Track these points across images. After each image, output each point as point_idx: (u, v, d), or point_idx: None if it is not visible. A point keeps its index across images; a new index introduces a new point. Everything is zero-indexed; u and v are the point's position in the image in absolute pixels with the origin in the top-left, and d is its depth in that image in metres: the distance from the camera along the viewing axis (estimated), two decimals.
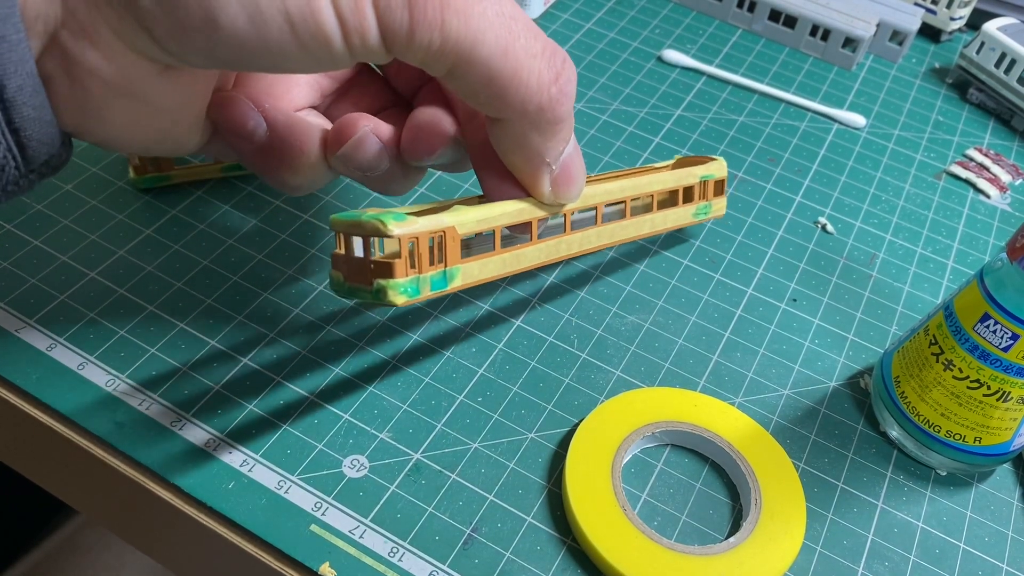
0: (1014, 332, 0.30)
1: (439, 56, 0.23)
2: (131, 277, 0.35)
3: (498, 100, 0.24)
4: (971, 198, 0.47)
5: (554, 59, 0.24)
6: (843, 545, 0.31)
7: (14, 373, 0.31)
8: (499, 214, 0.27)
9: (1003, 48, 0.51)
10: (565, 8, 0.55)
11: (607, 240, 0.33)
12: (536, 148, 0.26)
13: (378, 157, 0.28)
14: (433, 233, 0.25)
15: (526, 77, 0.24)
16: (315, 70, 0.24)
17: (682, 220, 0.37)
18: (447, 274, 0.26)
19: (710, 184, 0.37)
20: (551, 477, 0.31)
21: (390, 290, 0.24)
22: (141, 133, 0.25)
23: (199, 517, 0.29)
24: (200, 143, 0.28)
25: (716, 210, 0.38)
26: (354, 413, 0.32)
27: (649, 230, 0.35)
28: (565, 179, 0.28)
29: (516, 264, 0.29)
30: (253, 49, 0.22)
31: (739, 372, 0.36)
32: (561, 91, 0.25)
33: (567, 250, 0.31)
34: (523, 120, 0.25)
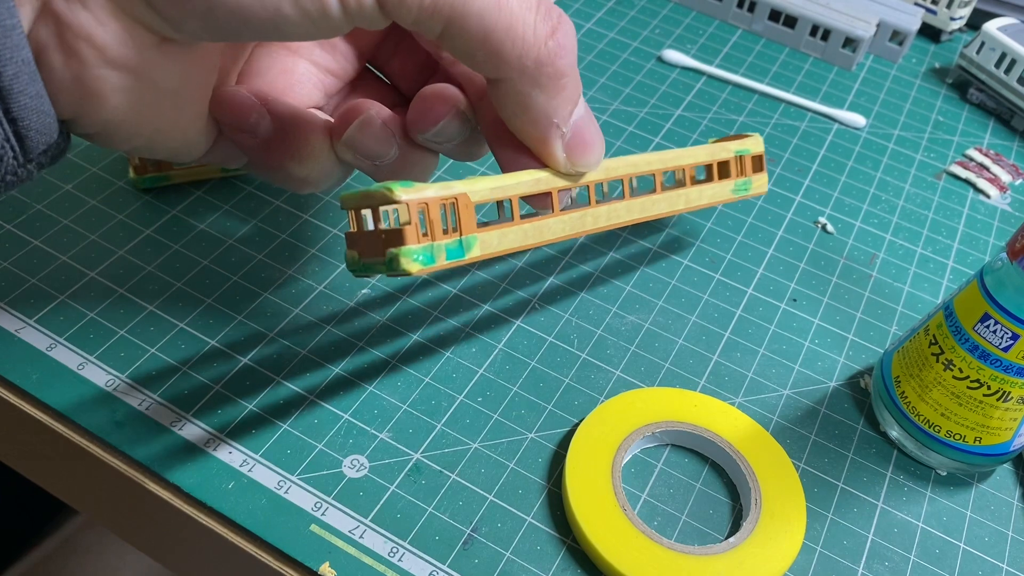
0: (1014, 332, 0.30)
1: (432, 12, 0.23)
2: (131, 277, 0.35)
3: (495, 57, 0.24)
4: (971, 198, 0.47)
5: (550, 13, 0.24)
6: (843, 545, 0.31)
7: (14, 373, 0.31)
8: (515, 183, 0.26)
9: (1003, 48, 0.51)
10: (565, 8, 0.55)
11: (637, 215, 0.31)
12: (542, 108, 0.25)
13: (385, 141, 0.28)
14: (444, 200, 0.24)
15: (522, 30, 0.23)
16: (315, 35, 0.23)
17: (720, 196, 0.35)
18: (463, 243, 0.25)
19: (747, 159, 0.36)
20: (551, 477, 0.31)
21: (403, 257, 0.23)
22: (143, 122, 0.24)
23: (199, 517, 0.29)
24: (204, 146, 0.28)
25: (757, 187, 0.37)
26: (354, 413, 0.32)
27: (684, 206, 0.34)
28: (579, 144, 0.27)
29: (539, 236, 0.27)
30: (249, 8, 0.21)
31: (739, 372, 0.36)
32: (559, 44, 0.24)
33: (593, 223, 0.30)
34: (523, 77, 0.24)
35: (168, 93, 0.25)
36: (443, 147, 0.29)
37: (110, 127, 0.24)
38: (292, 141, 0.28)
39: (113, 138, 0.25)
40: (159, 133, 0.25)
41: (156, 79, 0.24)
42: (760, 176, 0.37)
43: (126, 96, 0.23)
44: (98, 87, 0.23)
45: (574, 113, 0.26)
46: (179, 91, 0.25)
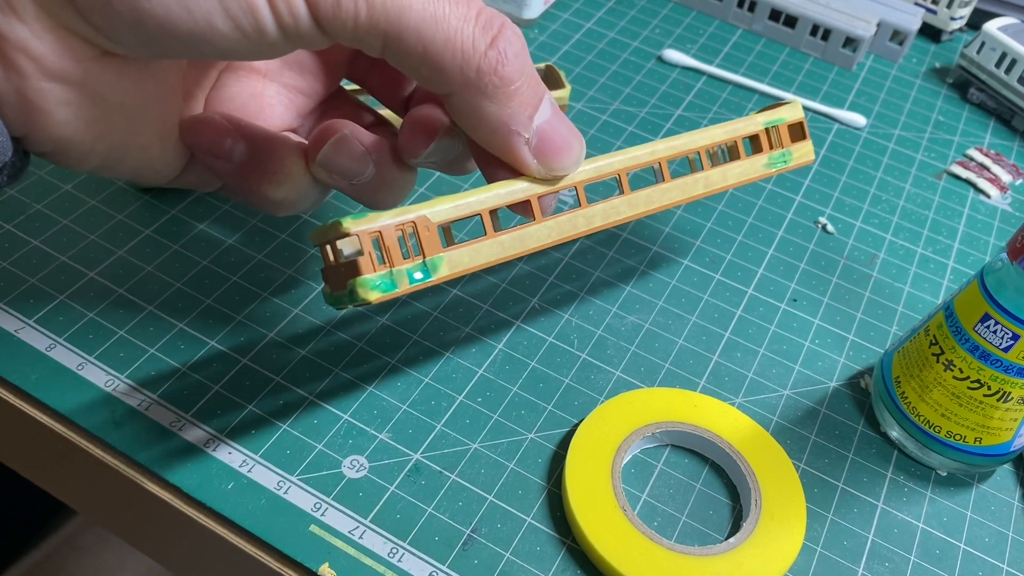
0: (1014, 332, 0.30)
1: (369, 29, 0.22)
2: (130, 277, 0.35)
3: (438, 71, 0.24)
4: (971, 198, 0.47)
5: (490, 23, 0.24)
6: (843, 546, 0.31)
7: (13, 373, 0.31)
8: (484, 197, 0.26)
9: (1003, 48, 0.51)
10: (565, 8, 0.55)
11: (643, 208, 0.30)
12: (496, 117, 0.25)
13: (360, 160, 0.27)
14: (400, 226, 0.24)
15: (460, 42, 0.23)
16: (254, 53, 0.23)
17: (751, 174, 0.32)
18: (427, 265, 0.25)
19: (782, 129, 0.33)
20: (551, 478, 0.31)
21: (359, 288, 0.23)
22: (95, 139, 0.24)
23: (198, 517, 0.29)
24: (173, 169, 0.28)
25: (799, 156, 0.34)
26: (354, 413, 0.32)
27: (704, 190, 0.31)
28: (548, 148, 0.26)
29: (520, 246, 0.27)
30: (180, 20, 0.21)
31: (739, 372, 0.36)
32: (500, 52, 0.24)
33: (587, 224, 0.28)
34: (468, 89, 0.24)
35: (118, 109, 0.24)
36: (435, 166, 0.29)
37: (62, 144, 0.24)
38: (267, 164, 0.27)
39: (68, 157, 0.25)
40: (116, 152, 0.25)
41: (102, 93, 0.24)
42: (802, 145, 0.34)
43: (72, 111, 0.23)
44: (40, 101, 0.23)
45: (536, 117, 0.25)
46: (130, 108, 0.25)
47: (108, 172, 0.26)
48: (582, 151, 0.27)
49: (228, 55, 0.23)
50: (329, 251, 0.25)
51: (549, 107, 0.26)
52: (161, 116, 0.26)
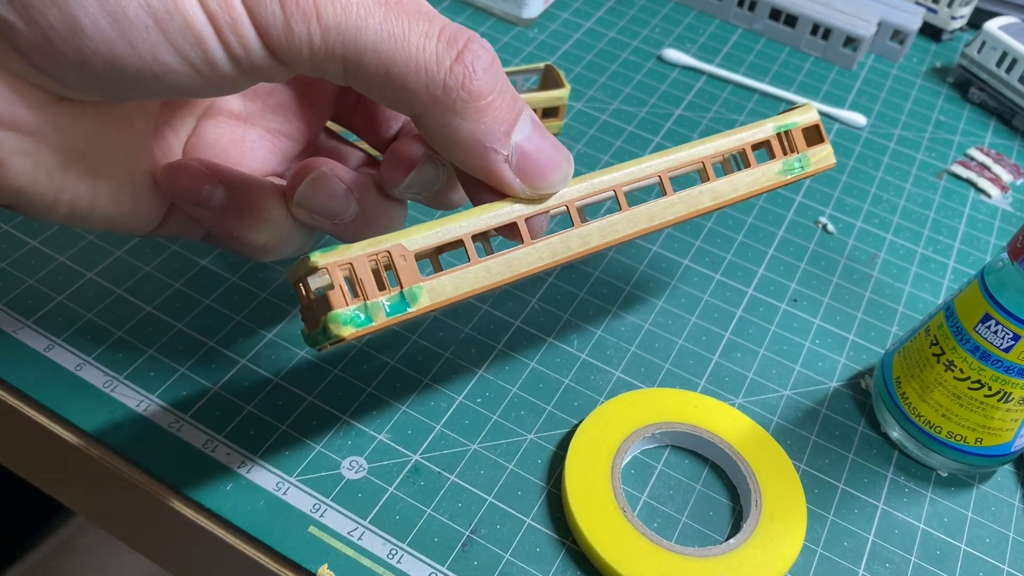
0: (1015, 332, 0.29)
1: (326, 55, 0.22)
2: (129, 278, 0.35)
3: (403, 92, 0.23)
4: (972, 198, 0.47)
5: (455, 38, 0.23)
6: (844, 546, 0.31)
7: (11, 374, 0.31)
8: (466, 223, 0.25)
9: (1004, 47, 0.50)
10: (565, 7, 0.55)
11: (645, 225, 0.28)
12: (469, 135, 0.24)
13: (340, 199, 0.27)
14: (372, 256, 0.23)
15: (423, 60, 0.22)
16: (210, 89, 0.22)
17: (765, 182, 0.30)
18: (405, 295, 0.23)
19: (797, 134, 0.31)
20: (550, 478, 0.31)
21: (331, 324, 0.22)
22: (58, 189, 0.23)
23: (197, 519, 0.29)
24: (151, 218, 0.27)
25: (818, 161, 0.31)
26: (352, 414, 0.32)
27: (712, 202, 0.29)
28: (530, 166, 0.25)
29: (508, 271, 0.25)
30: (125, 57, 0.21)
31: (739, 373, 0.36)
32: (467, 67, 0.23)
33: (582, 245, 0.26)
34: (437, 107, 0.23)
35: (80, 157, 0.24)
36: (420, 197, 0.28)
37: (24, 196, 0.23)
38: (247, 209, 0.27)
39: (33, 208, 0.24)
40: (83, 202, 0.24)
41: (60, 141, 0.23)
42: (820, 148, 0.31)
43: (29, 160, 0.22)
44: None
45: (515, 134, 0.24)
46: (94, 156, 0.24)
47: (80, 223, 0.25)
48: (569, 168, 0.26)
49: (183, 91, 0.22)
50: (302, 288, 0.24)
51: (529, 123, 0.25)
52: (130, 164, 0.25)
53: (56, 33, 0.20)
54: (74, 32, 0.20)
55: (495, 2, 0.52)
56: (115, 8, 0.20)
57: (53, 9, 0.20)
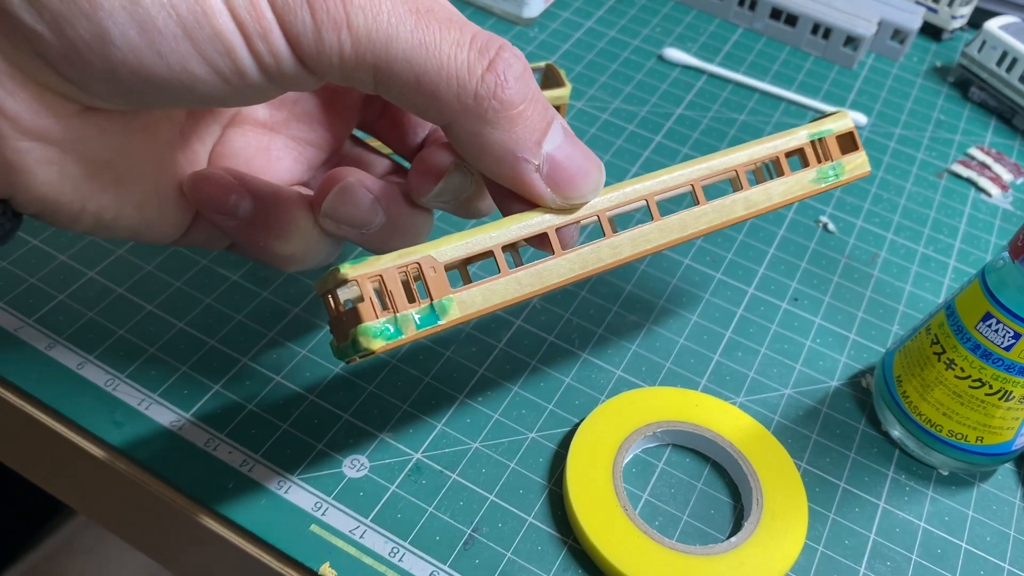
0: (1016, 331, 0.29)
1: (357, 64, 0.22)
2: (130, 276, 0.35)
3: (434, 100, 0.22)
4: (973, 197, 0.47)
5: (487, 46, 0.23)
6: (845, 545, 0.31)
7: (13, 372, 0.31)
8: (496, 234, 0.24)
9: (1004, 47, 0.51)
10: (566, 7, 0.55)
11: (677, 235, 0.27)
12: (501, 145, 0.23)
13: (368, 209, 0.26)
14: (401, 268, 0.23)
15: (454, 69, 0.22)
16: (239, 98, 0.22)
17: (798, 191, 0.29)
18: (435, 308, 0.23)
19: (830, 141, 0.30)
20: (552, 477, 0.31)
21: (361, 336, 0.22)
22: (84, 199, 0.23)
23: (199, 517, 0.29)
24: (178, 229, 0.27)
25: (852, 169, 0.31)
26: (354, 413, 0.32)
27: (745, 211, 0.28)
28: (561, 175, 0.24)
29: (539, 282, 0.25)
30: (154, 67, 0.20)
31: (740, 372, 0.36)
32: (499, 76, 0.22)
33: (613, 256, 0.26)
34: (468, 117, 0.23)
35: (106, 167, 0.24)
36: (448, 206, 0.28)
37: (50, 205, 0.23)
38: (274, 219, 0.26)
39: (59, 217, 0.24)
40: (109, 211, 0.24)
41: (86, 151, 0.23)
42: (855, 156, 0.31)
43: (56, 170, 0.22)
44: (21, 161, 0.22)
45: (546, 143, 0.24)
46: (120, 165, 0.24)
47: (105, 232, 0.25)
48: (601, 177, 0.25)
49: (212, 101, 0.22)
50: (331, 300, 0.23)
51: (560, 132, 0.24)
52: (155, 174, 0.25)
53: (84, 44, 0.20)
54: (102, 42, 0.20)
55: (496, 1, 0.52)
56: (144, 18, 0.20)
57: (82, 19, 0.20)
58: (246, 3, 0.20)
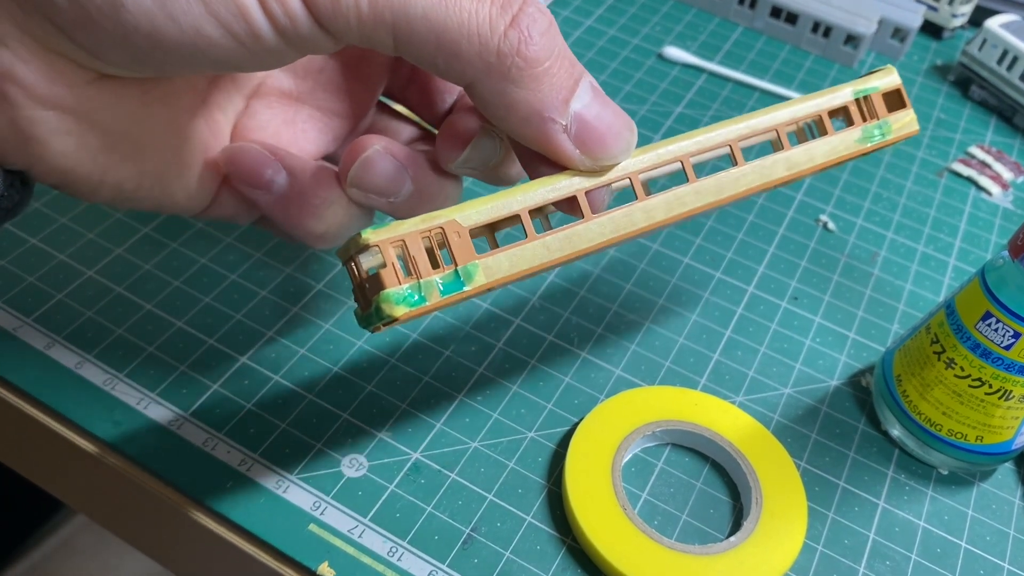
0: (1016, 330, 0.29)
1: (375, 23, 0.21)
2: (129, 275, 0.35)
3: (455, 59, 0.22)
4: (973, 195, 0.46)
5: (509, 2, 0.22)
6: (844, 544, 0.31)
7: (12, 372, 0.31)
8: (523, 197, 0.23)
9: (1005, 45, 0.50)
10: (566, 5, 0.54)
11: (714, 197, 0.25)
12: (525, 104, 0.22)
13: (394, 177, 0.26)
14: (425, 233, 0.22)
15: (475, 25, 0.21)
16: (255, 62, 0.22)
17: (843, 151, 0.28)
18: (460, 273, 0.22)
19: (877, 99, 0.28)
20: (551, 476, 0.31)
21: (383, 303, 0.21)
22: (103, 169, 0.23)
23: (197, 516, 0.29)
24: (202, 201, 0.26)
25: (900, 128, 0.29)
26: (353, 412, 0.32)
27: (786, 172, 0.27)
28: (590, 135, 0.23)
29: (568, 247, 0.24)
30: (166, 30, 0.20)
31: (740, 371, 0.36)
32: (523, 32, 0.22)
33: (647, 220, 0.24)
34: (492, 75, 0.22)
35: (124, 137, 0.23)
36: (477, 172, 0.27)
37: (69, 176, 0.23)
38: (308, 196, 0.26)
39: (78, 188, 0.24)
40: (129, 182, 0.24)
41: (103, 120, 0.23)
42: (903, 114, 0.29)
43: (72, 140, 0.22)
44: (35, 130, 0.22)
45: (574, 102, 0.23)
46: (138, 135, 0.24)
47: (126, 204, 0.25)
48: (632, 137, 0.24)
49: (228, 66, 0.22)
50: (354, 268, 0.23)
51: (589, 90, 0.23)
52: (176, 144, 0.25)
53: (96, 8, 0.20)
54: (114, 7, 0.20)
55: None
56: None
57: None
58: None
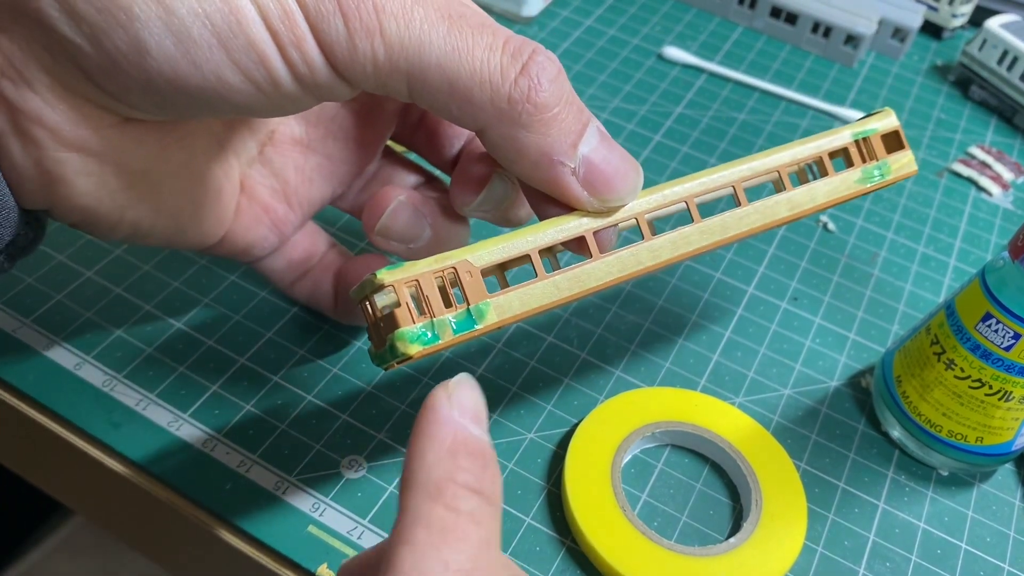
0: (1016, 331, 0.29)
1: (391, 71, 0.22)
2: (128, 276, 0.35)
3: (468, 105, 0.23)
4: (973, 196, 0.46)
5: (520, 50, 0.23)
6: (844, 546, 0.31)
7: (11, 373, 0.31)
8: (533, 237, 0.24)
9: (1005, 45, 0.50)
10: (565, 5, 0.54)
11: (719, 236, 0.27)
12: (536, 147, 0.23)
13: (417, 224, 0.28)
14: (438, 273, 0.23)
15: (487, 73, 0.22)
16: (273, 107, 0.23)
17: (843, 191, 0.29)
18: (472, 312, 0.23)
19: (875, 140, 0.29)
20: (550, 478, 0.31)
21: (398, 342, 0.22)
22: (126, 209, 0.24)
23: (196, 518, 0.29)
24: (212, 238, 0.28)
25: (899, 168, 0.30)
26: (352, 413, 0.32)
27: (788, 213, 0.28)
28: (598, 177, 0.24)
29: (577, 286, 0.24)
30: (189, 76, 0.21)
31: (739, 372, 0.36)
32: (533, 79, 0.23)
33: (652, 259, 0.25)
34: (503, 120, 0.23)
35: (142, 177, 0.24)
36: (489, 215, 0.28)
37: (88, 214, 0.24)
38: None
39: (98, 227, 0.25)
40: (146, 220, 0.25)
41: (124, 161, 0.23)
42: (901, 155, 0.30)
43: (94, 180, 0.23)
44: (60, 171, 0.22)
45: (582, 145, 0.24)
46: (156, 175, 0.25)
47: (141, 240, 0.26)
48: (639, 179, 0.25)
49: (247, 111, 0.22)
50: (368, 307, 0.23)
51: (596, 134, 0.24)
52: (191, 185, 0.26)
53: (122, 55, 0.20)
54: (139, 53, 0.20)
55: (495, 0, 0.52)
56: (179, 29, 0.20)
57: (119, 31, 0.20)
58: (280, 12, 0.21)
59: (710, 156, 0.45)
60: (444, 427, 0.19)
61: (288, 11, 0.21)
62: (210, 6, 0.20)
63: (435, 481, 0.18)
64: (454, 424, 0.19)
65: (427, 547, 0.18)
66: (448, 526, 0.18)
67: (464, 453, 0.19)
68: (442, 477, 0.19)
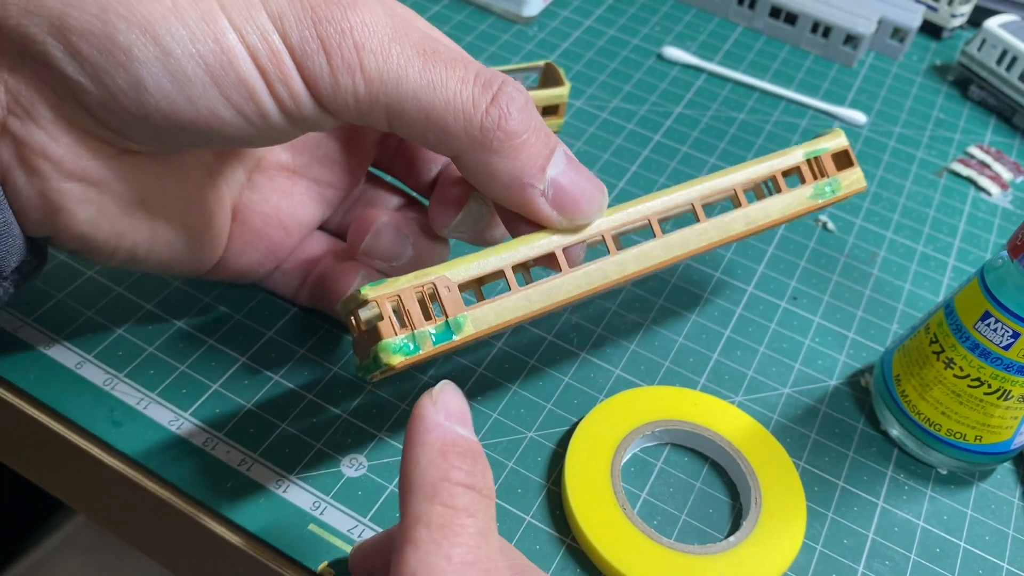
0: (1015, 330, 0.29)
1: (371, 104, 0.24)
2: (129, 275, 0.35)
3: (443, 134, 0.24)
4: (972, 196, 0.46)
5: (490, 82, 0.24)
6: (843, 544, 0.31)
7: (12, 372, 0.31)
8: (506, 255, 0.26)
9: (1004, 45, 0.50)
10: (565, 5, 0.54)
11: (680, 251, 0.29)
12: (508, 172, 0.25)
13: (400, 244, 0.30)
14: (418, 288, 0.24)
15: (460, 104, 0.24)
16: (263, 138, 0.24)
17: (796, 207, 0.31)
18: (451, 324, 0.25)
19: (826, 159, 0.32)
20: (550, 476, 0.31)
21: (381, 352, 0.24)
22: (123, 236, 0.26)
23: (197, 516, 0.29)
24: (206, 264, 0.30)
25: (848, 185, 0.32)
26: (352, 412, 0.32)
27: (745, 228, 0.30)
28: (566, 198, 0.26)
29: (548, 299, 0.26)
30: (184, 111, 0.22)
31: (739, 371, 0.36)
32: (503, 108, 0.24)
33: (619, 272, 0.27)
34: (476, 147, 0.25)
35: (139, 205, 0.26)
36: (466, 235, 0.30)
37: (88, 242, 0.25)
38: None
39: (96, 253, 0.26)
40: (142, 247, 0.27)
41: (121, 191, 0.25)
42: (850, 172, 0.32)
43: (93, 208, 0.24)
44: (61, 201, 0.24)
45: (550, 169, 0.26)
46: (152, 204, 0.26)
47: (137, 266, 0.28)
48: (603, 199, 0.27)
49: (238, 142, 0.24)
50: (353, 321, 0.25)
51: (563, 158, 0.26)
52: (185, 212, 0.27)
53: (122, 92, 0.22)
54: (138, 91, 0.22)
55: (495, 0, 0.52)
56: (175, 68, 0.22)
57: (119, 71, 0.22)
58: (268, 52, 0.23)
59: (710, 156, 0.46)
60: (433, 432, 0.21)
61: (275, 51, 0.23)
62: (203, 47, 0.22)
63: (430, 482, 0.20)
64: (442, 428, 0.21)
65: (430, 544, 0.20)
66: (446, 522, 0.20)
67: (453, 453, 0.21)
68: (436, 478, 0.20)
